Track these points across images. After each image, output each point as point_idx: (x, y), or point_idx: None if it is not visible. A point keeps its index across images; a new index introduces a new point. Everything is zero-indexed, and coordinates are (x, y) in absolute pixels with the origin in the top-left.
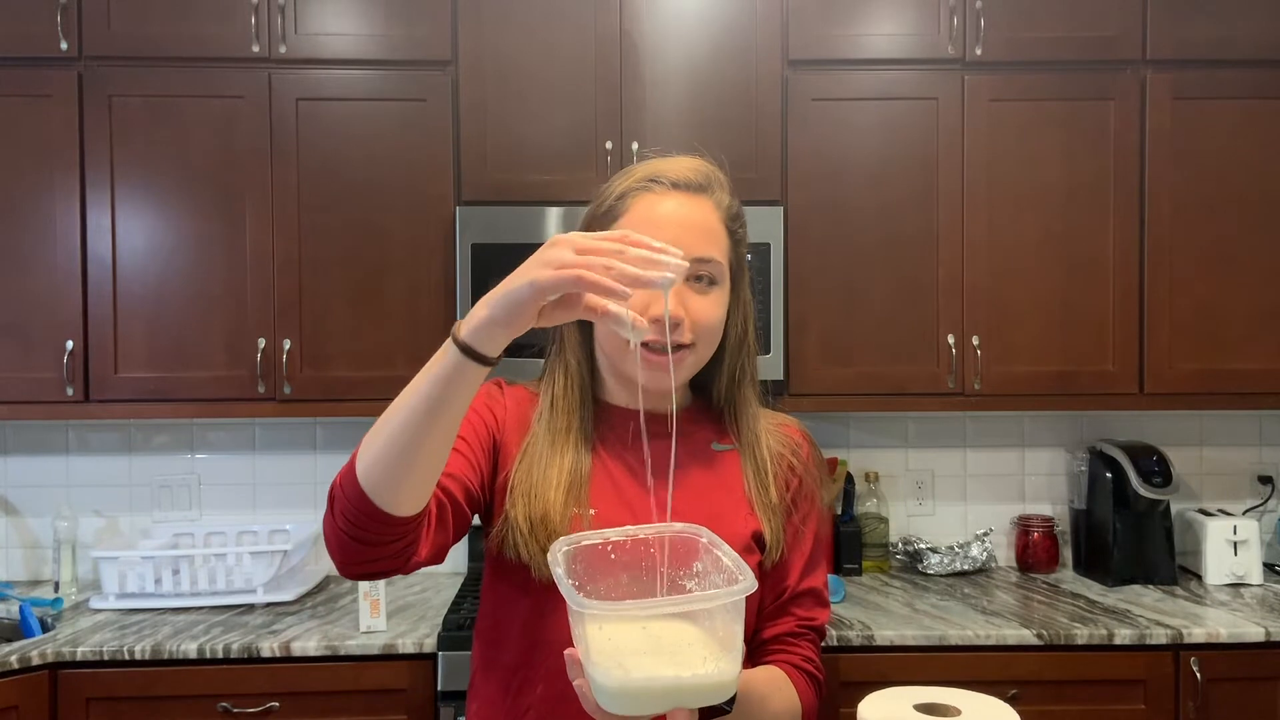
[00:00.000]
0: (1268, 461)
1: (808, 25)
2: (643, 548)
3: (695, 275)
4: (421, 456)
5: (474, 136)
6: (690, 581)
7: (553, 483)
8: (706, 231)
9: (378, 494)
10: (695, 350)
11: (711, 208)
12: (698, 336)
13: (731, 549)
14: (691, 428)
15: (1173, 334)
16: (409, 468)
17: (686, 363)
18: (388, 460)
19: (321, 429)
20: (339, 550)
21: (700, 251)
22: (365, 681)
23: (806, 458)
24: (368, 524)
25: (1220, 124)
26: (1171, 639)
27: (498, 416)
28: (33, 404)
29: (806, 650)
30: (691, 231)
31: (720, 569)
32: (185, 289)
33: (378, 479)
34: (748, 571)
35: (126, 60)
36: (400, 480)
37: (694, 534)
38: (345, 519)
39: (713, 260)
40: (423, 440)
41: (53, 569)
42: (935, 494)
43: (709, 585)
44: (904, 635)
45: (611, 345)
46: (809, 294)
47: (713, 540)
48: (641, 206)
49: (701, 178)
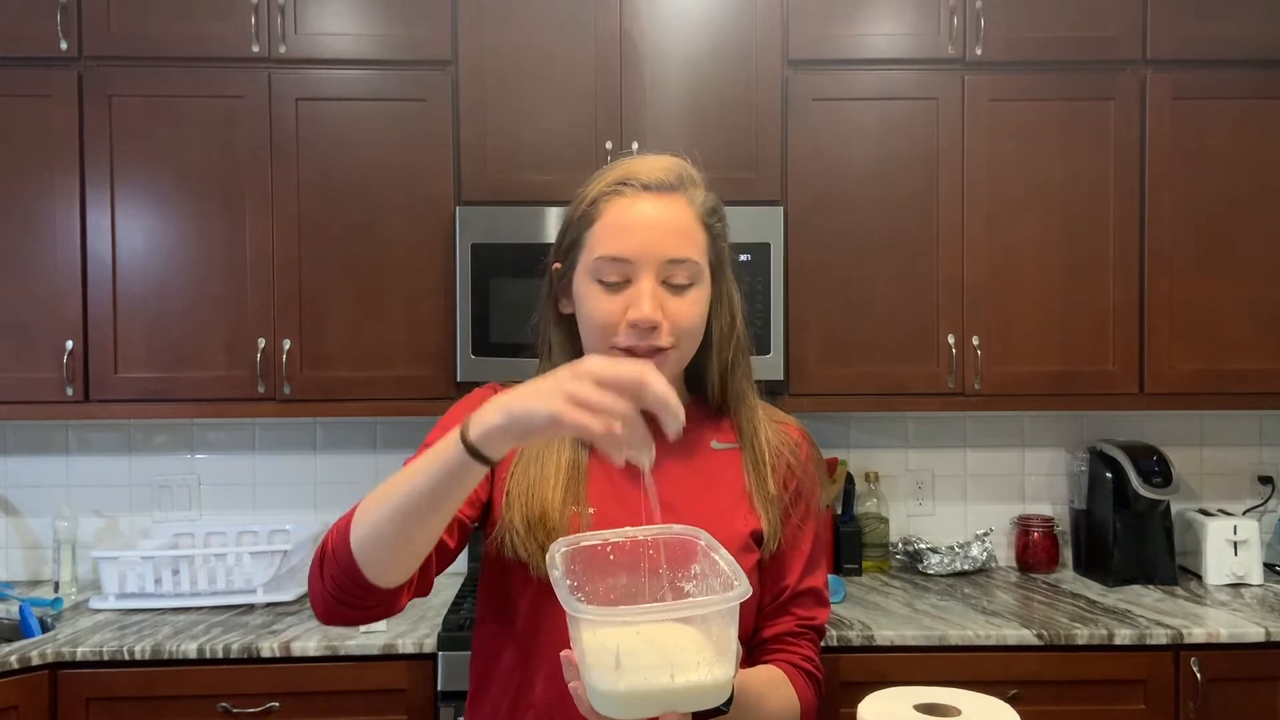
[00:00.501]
0: (1268, 461)
1: (808, 25)
2: (641, 549)
3: (673, 280)
4: (415, 539)
5: (474, 136)
6: (688, 583)
7: (550, 481)
8: (681, 231)
9: (368, 566)
10: (676, 351)
11: (685, 205)
12: (677, 338)
13: (729, 553)
14: (691, 426)
15: (1173, 334)
16: (402, 548)
17: (669, 363)
18: (380, 537)
19: (321, 429)
20: (323, 610)
21: (675, 253)
22: (365, 681)
23: (805, 458)
24: (355, 591)
25: (1220, 124)
26: (1171, 639)
27: None
28: (33, 404)
29: (806, 649)
30: (665, 233)
31: (717, 573)
32: (185, 289)
33: (369, 552)
34: (743, 577)
35: (126, 60)
36: (392, 558)
37: (692, 536)
38: (334, 583)
39: (688, 261)
40: (418, 526)
41: (53, 569)
42: (935, 494)
43: (706, 588)
44: (904, 635)
45: (595, 350)
46: (809, 294)
47: (710, 543)
48: (614, 211)
49: (674, 177)
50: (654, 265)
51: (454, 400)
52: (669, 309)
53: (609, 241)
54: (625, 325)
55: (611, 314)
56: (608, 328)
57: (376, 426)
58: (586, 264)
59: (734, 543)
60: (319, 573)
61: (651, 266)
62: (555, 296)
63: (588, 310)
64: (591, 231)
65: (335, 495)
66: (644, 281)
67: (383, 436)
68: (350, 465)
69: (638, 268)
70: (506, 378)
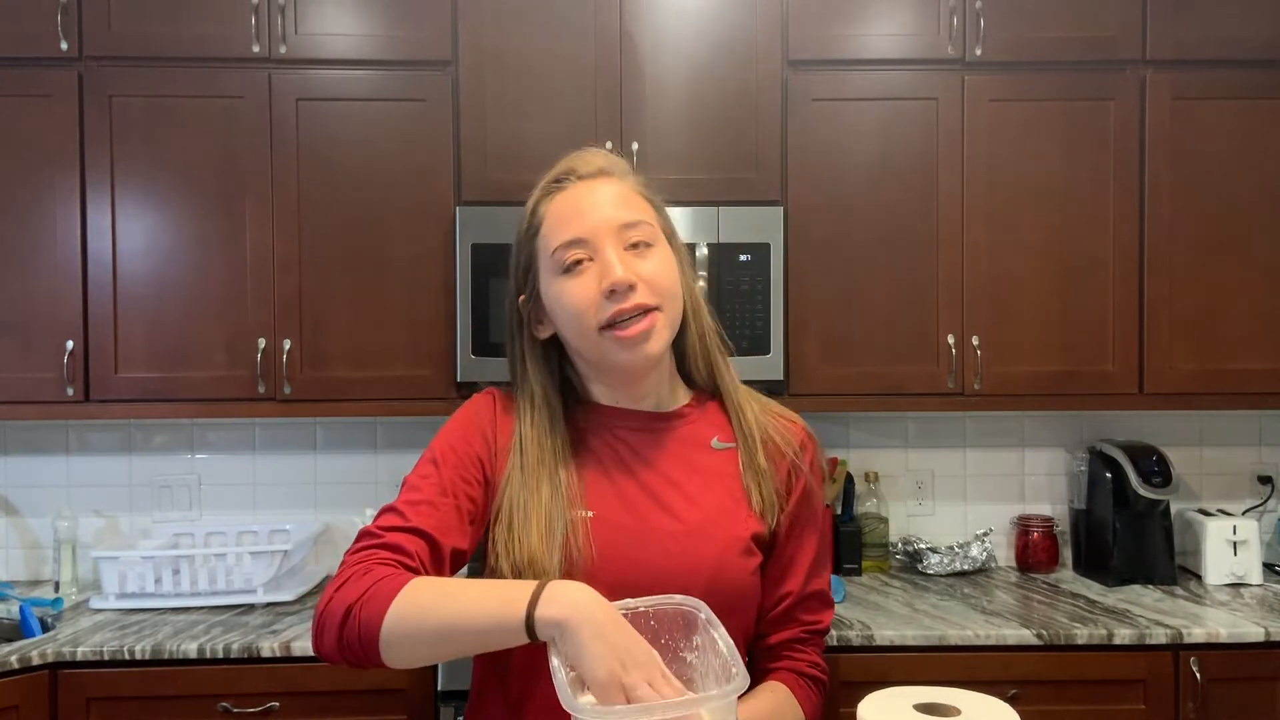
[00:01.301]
0: (1268, 461)
1: (808, 25)
2: (642, 620)
3: (630, 240)
4: (445, 656)
5: (474, 136)
6: (690, 654)
7: (532, 529)
8: (624, 200)
9: (390, 655)
10: (664, 311)
11: (620, 182)
12: (659, 296)
13: (727, 635)
14: (691, 425)
15: (1173, 334)
16: (429, 658)
17: (658, 323)
18: (413, 643)
19: (322, 429)
20: (325, 656)
21: (626, 217)
22: (365, 681)
23: (811, 460)
24: (365, 662)
25: (1220, 124)
26: (1171, 639)
27: (489, 445)
28: (33, 404)
29: (812, 655)
30: (610, 204)
31: (716, 653)
32: (185, 289)
33: (397, 649)
34: (740, 666)
35: (126, 60)
36: (416, 660)
37: (694, 609)
38: (349, 649)
39: (641, 221)
40: (453, 651)
41: (53, 569)
42: (935, 494)
43: (706, 664)
44: (904, 635)
45: (585, 346)
46: (809, 294)
47: (710, 619)
48: (555, 210)
49: (607, 164)
50: (610, 234)
51: (454, 400)
52: (641, 271)
53: (560, 231)
54: (602, 297)
55: (587, 294)
56: (587, 308)
57: (376, 426)
58: (547, 266)
59: (734, 547)
60: (338, 629)
61: (608, 236)
62: (530, 325)
63: (563, 303)
64: (540, 236)
65: (335, 495)
66: (606, 250)
67: (383, 436)
68: (350, 465)
69: (595, 243)
70: (504, 379)
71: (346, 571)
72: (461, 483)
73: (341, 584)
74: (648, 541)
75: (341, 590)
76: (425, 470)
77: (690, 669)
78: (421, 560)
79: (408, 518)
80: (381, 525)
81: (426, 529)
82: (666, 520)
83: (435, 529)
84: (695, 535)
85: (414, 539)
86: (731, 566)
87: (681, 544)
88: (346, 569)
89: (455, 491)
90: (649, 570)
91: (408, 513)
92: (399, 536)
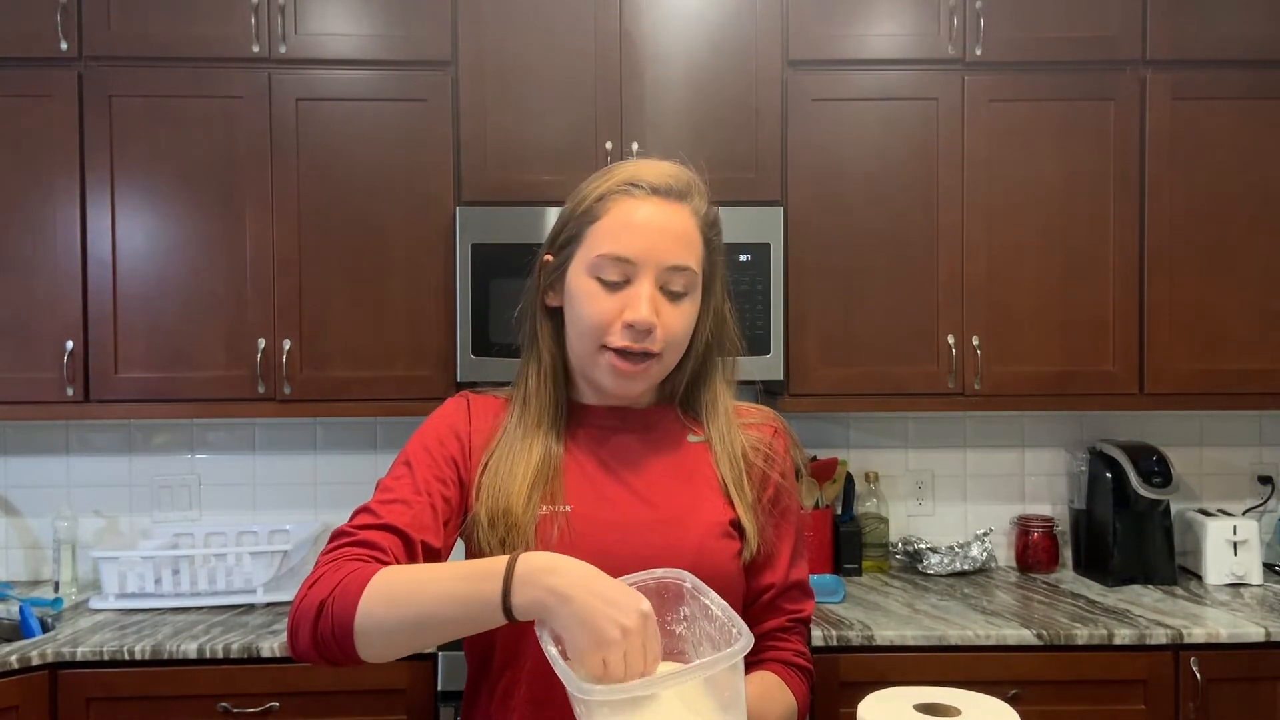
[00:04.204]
0: (1268, 461)
1: (808, 25)
2: None
3: (670, 287)
4: (419, 646)
5: (474, 136)
6: (678, 626)
7: (518, 476)
8: (683, 238)
9: (364, 649)
10: (661, 360)
11: (689, 215)
12: (666, 346)
13: (718, 596)
14: (664, 421)
15: (1173, 334)
16: (404, 649)
17: (652, 371)
18: (387, 632)
19: (321, 429)
20: (301, 655)
21: (677, 259)
22: (365, 681)
23: (783, 452)
24: (341, 658)
25: (1220, 124)
26: (1171, 639)
27: (463, 446)
28: (33, 404)
29: (797, 644)
30: (668, 238)
31: (709, 617)
32: (185, 289)
33: (372, 642)
34: (742, 626)
35: (126, 60)
36: (391, 652)
37: (677, 579)
38: (324, 645)
39: (688, 269)
40: (428, 639)
41: (53, 569)
42: (935, 494)
43: (698, 631)
44: (904, 635)
45: (581, 350)
46: (809, 294)
47: (696, 586)
48: (620, 210)
49: (681, 184)
50: (655, 269)
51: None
52: (663, 316)
53: (612, 240)
54: (621, 325)
55: (607, 313)
56: (602, 327)
57: (376, 426)
58: (585, 260)
59: (714, 531)
60: (311, 624)
61: (652, 270)
62: (544, 289)
63: (582, 307)
64: (594, 228)
65: (335, 495)
66: (644, 284)
67: (383, 436)
68: (350, 465)
69: (639, 269)
70: (504, 379)
71: (319, 570)
72: (436, 483)
73: (314, 582)
74: (628, 533)
75: (314, 588)
76: (399, 472)
77: (681, 641)
78: (395, 556)
79: (380, 515)
80: (355, 524)
81: (400, 525)
82: (645, 511)
83: (409, 525)
84: (674, 524)
85: (387, 535)
86: (712, 551)
87: (661, 533)
88: (319, 568)
89: (429, 491)
90: (631, 561)
91: (381, 511)
92: (372, 534)
